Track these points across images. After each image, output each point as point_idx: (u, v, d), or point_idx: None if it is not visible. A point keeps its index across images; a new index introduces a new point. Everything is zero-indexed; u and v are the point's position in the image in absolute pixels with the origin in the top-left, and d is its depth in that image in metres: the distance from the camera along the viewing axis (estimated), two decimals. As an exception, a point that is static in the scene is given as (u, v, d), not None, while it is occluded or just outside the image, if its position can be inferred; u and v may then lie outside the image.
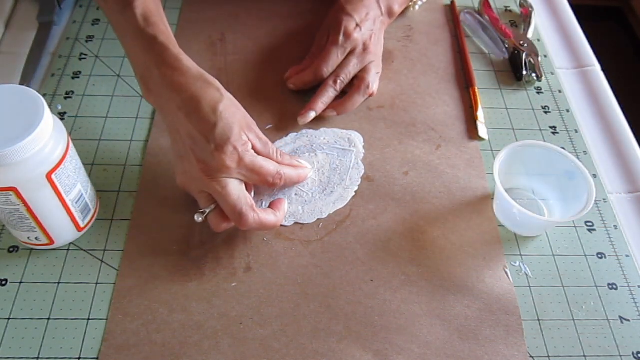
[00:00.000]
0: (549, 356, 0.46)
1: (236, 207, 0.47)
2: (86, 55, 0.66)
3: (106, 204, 0.53)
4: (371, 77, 0.61)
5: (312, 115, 0.59)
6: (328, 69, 0.60)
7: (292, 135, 0.59)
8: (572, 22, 0.75)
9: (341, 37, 0.60)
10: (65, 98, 0.61)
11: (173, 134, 0.50)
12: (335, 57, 0.60)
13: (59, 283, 0.48)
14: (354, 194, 0.55)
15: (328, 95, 0.60)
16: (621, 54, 1.81)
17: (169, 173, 0.55)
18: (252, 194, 0.54)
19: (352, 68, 0.61)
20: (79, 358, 0.44)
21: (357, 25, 0.61)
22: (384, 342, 0.46)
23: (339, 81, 0.60)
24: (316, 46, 0.64)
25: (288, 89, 0.63)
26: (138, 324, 0.46)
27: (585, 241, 0.53)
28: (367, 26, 0.62)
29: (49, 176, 0.44)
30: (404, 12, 0.73)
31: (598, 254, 0.53)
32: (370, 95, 0.62)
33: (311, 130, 0.60)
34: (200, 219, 0.48)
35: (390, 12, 0.66)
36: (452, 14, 0.73)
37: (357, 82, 0.61)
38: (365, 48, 0.61)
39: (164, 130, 0.58)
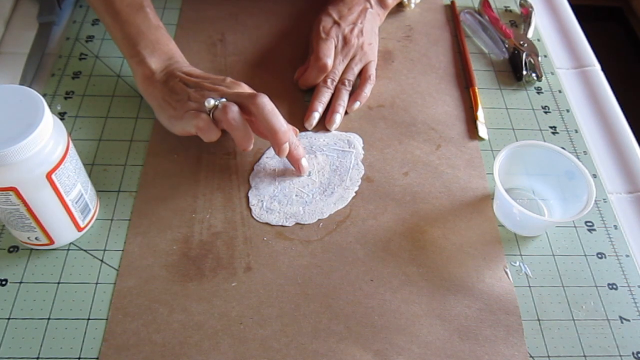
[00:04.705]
0: (549, 356, 0.46)
1: (246, 92, 0.53)
2: (86, 55, 0.66)
3: (106, 204, 0.53)
4: (350, 71, 0.63)
5: (316, 116, 0.60)
6: (326, 59, 0.61)
7: (292, 136, 0.59)
8: (572, 22, 0.75)
9: (322, 34, 0.63)
10: (65, 98, 0.61)
11: (155, 103, 0.56)
12: (327, 48, 0.61)
13: (59, 283, 0.48)
14: (354, 194, 0.55)
15: (324, 95, 0.61)
16: (621, 54, 1.81)
17: (169, 173, 0.55)
18: (252, 194, 0.54)
19: (340, 65, 0.62)
20: (79, 358, 0.44)
21: (335, 22, 0.63)
22: (384, 342, 0.46)
23: (329, 80, 0.61)
24: (311, 46, 0.65)
25: (288, 89, 0.63)
26: (138, 324, 0.46)
27: (585, 241, 0.53)
28: (348, 20, 0.64)
29: (49, 176, 0.44)
30: (402, 11, 0.73)
31: (598, 254, 0.53)
32: (369, 81, 0.63)
33: (310, 132, 0.60)
34: (212, 102, 0.51)
35: (382, 3, 0.68)
36: (452, 14, 0.73)
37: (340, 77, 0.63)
38: (345, 42, 0.62)
39: (164, 131, 0.58)
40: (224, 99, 0.52)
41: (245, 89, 0.56)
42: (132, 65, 0.57)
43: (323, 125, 0.60)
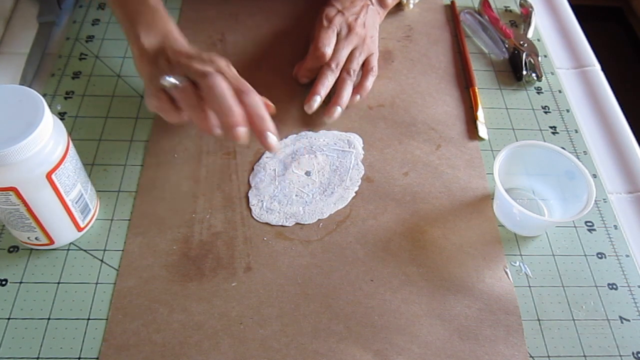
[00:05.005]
0: (549, 356, 0.46)
1: (201, 69, 0.49)
2: (86, 55, 0.66)
3: (106, 204, 0.53)
4: (354, 61, 0.61)
5: (318, 99, 0.59)
6: (325, 49, 0.60)
7: (291, 137, 0.59)
8: (572, 22, 0.75)
9: (324, 22, 0.62)
10: (65, 98, 0.61)
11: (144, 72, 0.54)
12: (327, 37, 0.61)
13: (59, 283, 0.48)
14: (354, 194, 0.55)
15: (328, 79, 0.60)
16: (621, 54, 1.81)
17: (169, 173, 0.55)
18: (252, 194, 0.54)
19: (344, 50, 0.61)
20: (79, 358, 0.44)
21: (339, 11, 0.63)
22: (384, 342, 0.46)
23: (333, 64, 0.60)
24: (312, 36, 0.64)
25: (289, 89, 0.63)
26: (138, 324, 0.46)
27: (585, 241, 0.53)
28: (352, 11, 0.63)
29: (49, 176, 0.44)
30: (401, 11, 0.73)
31: (598, 254, 0.53)
32: (371, 73, 0.62)
33: (310, 132, 0.60)
34: (168, 80, 0.49)
35: (382, 3, 0.68)
36: (452, 14, 0.73)
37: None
38: (350, 30, 0.62)
39: (164, 131, 0.58)
40: (184, 78, 0.50)
41: (231, 69, 0.53)
42: (130, 44, 0.56)
43: (323, 124, 0.60)
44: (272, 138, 0.50)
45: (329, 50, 0.60)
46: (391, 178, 0.57)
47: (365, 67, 0.63)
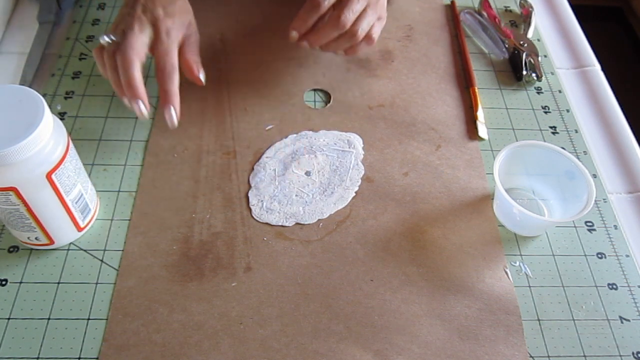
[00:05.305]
0: (549, 356, 0.46)
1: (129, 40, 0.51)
2: (86, 55, 0.66)
3: (106, 204, 0.53)
4: (351, 10, 0.54)
5: (305, 44, 0.57)
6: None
7: (291, 137, 0.59)
8: (572, 22, 0.75)
9: None
10: (65, 98, 0.61)
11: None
12: None
13: (59, 283, 0.48)
14: (354, 194, 0.55)
15: (329, 35, 0.56)
16: (621, 54, 1.81)
17: (169, 173, 0.55)
18: (252, 194, 0.54)
19: (358, 5, 0.55)
20: (79, 358, 0.44)
21: None
22: (384, 342, 0.46)
23: (341, 22, 0.54)
24: None
25: (289, 90, 0.63)
26: (138, 324, 0.46)
27: (585, 241, 0.53)
28: None
29: (49, 176, 0.44)
30: (399, 6, 0.72)
31: (598, 254, 0.53)
32: (368, 42, 0.58)
33: (310, 132, 0.60)
34: (106, 39, 0.52)
35: None
36: (452, 14, 0.73)
37: (334, 12, 0.55)
38: None
39: (164, 131, 0.58)
40: (116, 40, 0.52)
41: (169, 38, 0.54)
42: None
43: (323, 125, 0.60)
44: (171, 111, 0.52)
45: (326, 2, 0.54)
46: (391, 178, 0.57)
47: (339, 12, 0.55)
